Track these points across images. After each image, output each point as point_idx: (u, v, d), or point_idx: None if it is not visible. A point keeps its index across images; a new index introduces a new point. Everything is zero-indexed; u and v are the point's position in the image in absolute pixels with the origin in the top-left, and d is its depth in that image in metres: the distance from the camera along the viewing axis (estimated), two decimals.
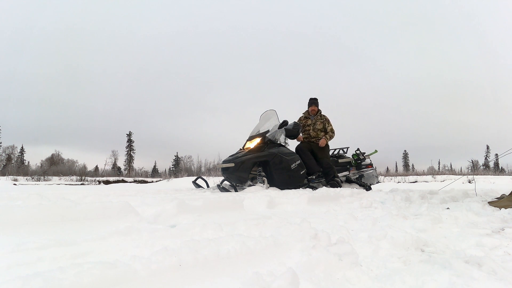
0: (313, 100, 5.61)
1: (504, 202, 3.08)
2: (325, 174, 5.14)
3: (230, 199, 2.49)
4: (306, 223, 1.64)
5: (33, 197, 2.13)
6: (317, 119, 5.50)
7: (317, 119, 5.50)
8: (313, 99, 5.61)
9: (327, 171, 5.12)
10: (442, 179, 15.50)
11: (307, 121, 5.57)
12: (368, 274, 1.25)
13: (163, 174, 34.63)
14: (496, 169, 31.38)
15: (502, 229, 1.94)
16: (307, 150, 5.23)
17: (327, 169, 5.12)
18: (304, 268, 1.18)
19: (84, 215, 1.61)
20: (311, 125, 5.51)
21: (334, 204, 3.12)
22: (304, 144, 5.35)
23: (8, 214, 1.44)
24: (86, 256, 1.19)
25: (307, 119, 5.58)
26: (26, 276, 0.85)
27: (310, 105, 5.59)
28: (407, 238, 1.63)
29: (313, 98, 5.62)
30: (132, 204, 1.93)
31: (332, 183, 4.96)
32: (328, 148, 5.43)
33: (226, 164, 4.41)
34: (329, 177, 5.08)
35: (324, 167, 5.12)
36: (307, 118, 5.59)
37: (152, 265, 1.00)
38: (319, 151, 5.24)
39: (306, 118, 5.62)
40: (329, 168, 5.13)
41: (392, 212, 2.50)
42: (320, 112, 5.59)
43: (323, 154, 5.24)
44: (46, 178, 20.07)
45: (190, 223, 1.76)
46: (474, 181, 6.61)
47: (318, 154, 5.20)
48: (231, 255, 1.19)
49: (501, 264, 1.28)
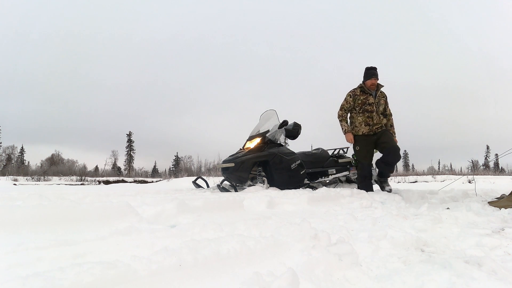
0: (373, 70, 4.05)
1: (504, 202, 3.08)
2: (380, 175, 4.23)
3: (230, 199, 2.49)
4: (306, 223, 1.64)
5: (33, 197, 2.13)
6: (380, 96, 4.09)
7: (380, 96, 4.09)
8: (373, 68, 4.08)
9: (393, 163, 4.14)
10: (442, 179, 15.48)
11: (367, 98, 4.02)
12: (368, 274, 1.25)
13: (163, 174, 34.67)
14: (496, 169, 31.39)
15: (502, 229, 1.94)
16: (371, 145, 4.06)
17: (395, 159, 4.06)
18: (304, 268, 1.18)
19: (84, 215, 1.60)
20: (374, 104, 4.03)
21: (334, 204, 3.12)
22: (366, 140, 4.05)
23: (8, 214, 1.43)
24: (86, 256, 1.19)
25: (367, 96, 4.03)
26: (26, 276, 0.85)
27: (369, 77, 4.04)
28: (407, 238, 1.63)
29: (372, 67, 4.09)
30: (132, 204, 1.93)
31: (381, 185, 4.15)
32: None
33: (226, 164, 4.41)
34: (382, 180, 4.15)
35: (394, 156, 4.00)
36: (366, 94, 4.04)
37: (152, 265, 1.00)
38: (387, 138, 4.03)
39: (364, 93, 4.05)
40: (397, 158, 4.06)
41: (392, 212, 2.49)
42: (380, 86, 4.12)
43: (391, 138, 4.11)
44: (46, 178, 20.07)
45: (190, 223, 1.76)
46: (474, 181, 6.60)
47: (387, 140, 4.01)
48: (231, 255, 1.19)
49: (501, 264, 1.28)
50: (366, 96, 4.08)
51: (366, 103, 4.05)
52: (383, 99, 4.16)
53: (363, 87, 4.09)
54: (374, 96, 4.07)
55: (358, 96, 4.10)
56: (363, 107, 4.06)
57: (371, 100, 4.06)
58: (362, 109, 4.07)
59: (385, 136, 4.06)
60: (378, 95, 4.09)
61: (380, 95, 4.13)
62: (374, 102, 4.05)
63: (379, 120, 4.09)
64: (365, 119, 4.06)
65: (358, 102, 4.09)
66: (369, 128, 4.08)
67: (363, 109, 4.07)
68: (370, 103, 4.05)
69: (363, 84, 4.13)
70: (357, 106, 4.11)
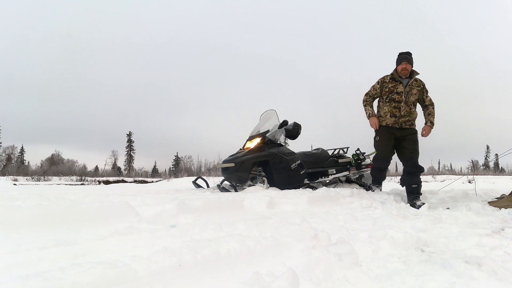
0: (405, 55, 3.67)
1: (504, 202, 3.08)
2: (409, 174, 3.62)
3: (230, 199, 2.49)
4: (306, 223, 1.64)
5: (33, 197, 2.13)
6: (413, 84, 3.65)
7: (413, 84, 3.65)
8: (406, 52, 3.70)
9: (414, 172, 3.60)
10: (442, 179, 15.49)
11: (396, 87, 3.64)
12: (368, 274, 1.25)
13: (163, 174, 34.65)
14: (496, 169, 31.37)
15: (502, 229, 1.94)
16: (393, 139, 3.65)
17: (415, 169, 3.60)
18: (304, 268, 1.18)
19: (84, 215, 1.60)
20: (403, 93, 3.61)
21: (334, 204, 3.12)
22: (389, 131, 3.65)
23: (8, 214, 1.43)
24: (86, 256, 1.19)
25: (396, 84, 3.65)
26: (26, 276, 0.85)
27: (400, 62, 3.66)
28: (407, 238, 1.63)
29: (405, 51, 3.71)
30: (132, 204, 1.93)
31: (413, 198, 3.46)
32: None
33: (226, 164, 4.41)
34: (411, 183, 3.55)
35: (413, 165, 3.60)
36: (396, 82, 3.66)
37: (152, 265, 1.00)
38: (411, 143, 3.63)
39: (393, 80, 3.68)
40: (417, 169, 3.60)
41: (392, 212, 2.49)
42: (415, 74, 3.69)
43: (414, 145, 3.65)
44: (46, 178, 20.09)
45: (190, 223, 1.76)
46: (474, 181, 6.60)
47: (409, 147, 3.61)
48: (231, 255, 1.19)
49: (501, 264, 1.28)
50: (395, 84, 3.67)
51: (393, 91, 3.64)
52: (417, 88, 3.65)
53: (394, 74, 3.71)
54: (404, 85, 3.63)
55: (387, 83, 3.72)
56: (390, 95, 3.66)
57: (400, 88, 3.62)
58: (388, 97, 3.67)
59: (410, 142, 3.64)
60: (410, 83, 3.63)
61: (414, 84, 3.66)
62: (404, 91, 3.60)
63: (407, 112, 3.62)
64: (391, 110, 3.64)
65: (385, 90, 3.70)
66: (394, 120, 3.63)
67: (390, 98, 3.66)
68: (398, 91, 3.62)
69: (394, 71, 3.75)
70: (384, 95, 3.72)
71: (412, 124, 3.71)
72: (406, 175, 3.66)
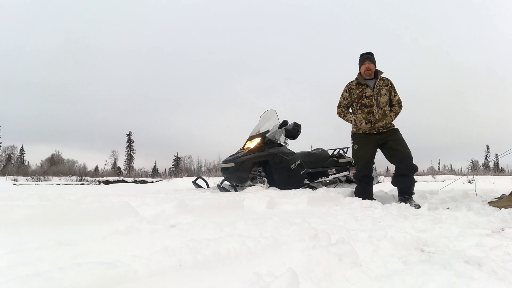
0: (366, 54, 3.58)
1: (504, 202, 3.08)
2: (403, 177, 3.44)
3: (230, 199, 2.49)
4: (306, 223, 1.64)
5: (33, 197, 2.13)
6: (380, 85, 3.48)
7: (380, 85, 3.48)
8: (367, 52, 3.61)
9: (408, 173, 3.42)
10: (442, 179, 15.47)
11: (364, 91, 3.48)
12: (368, 274, 1.24)
13: (163, 174, 34.66)
14: (496, 169, 31.38)
15: (502, 229, 1.94)
16: (372, 146, 3.50)
17: (411, 171, 3.43)
18: (304, 268, 1.18)
19: (84, 215, 1.61)
20: (373, 96, 3.45)
21: (334, 204, 3.12)
22: (366, 138, 3.49)
23: (8, 214, 1.43)
24: (86, 256, 1.19)
25: (363, 88, 3.50)
26: (26, 276, 0.85)
27: (362, 62, 3.53)
28: (407, 238, 1.63)
29: (366, 52, 3.62)
30: (132, 204, 1.93)
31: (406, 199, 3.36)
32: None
33: (226, 164, 4.41)
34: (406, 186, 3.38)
35: (407, 166, 3.41)
36: (362, 86, 3.51)
37: (152, 265, 1.00)
38: (397, 143, 3.44)
39: (359, 85, 3.53)
40: (413, 170, 3.43)
41: (392, 212, 2.49)
42: (380, 73, 3.53)
43: (402, 144, 3.46)
44: (46, 178, 20.08)
45: (190, 223, 1.76)
46: (474, 181, 6.60)
47: (397, 147, 3.43)
48: (231, 255, 1.19)
49: (501, 264, 1.28)
50: (362, 88, 3.50)
51: (362, 96, 3.48)
52: (386, 88, 3.47)
53: (359, 78, 3.56)
54: (372, 87, 3.46)
55: (354, 89, 3.55)
56: (359, 101, 3.49)
57: (369, 92, 3.45)
58: (359, 104, 3.49)
59: (396, 142, 3.45)
60: (377, 84, 3.45)
61: (381, 84, 3.48)
62: (373, 94, 3.44)
63: (382, 115, 3.43)
64: (365, 116, 3.46)
65: (354, 96, 3.54)
66: (370, 126, 3.46)
67: (361, 104, 3.48)
68: (367, 96, 3.45)
69: (358, 74, 3.60)
70: (354, 101, 3.55)
71: (390, 125, 3.54)
72: (400, 177, 3.47)
